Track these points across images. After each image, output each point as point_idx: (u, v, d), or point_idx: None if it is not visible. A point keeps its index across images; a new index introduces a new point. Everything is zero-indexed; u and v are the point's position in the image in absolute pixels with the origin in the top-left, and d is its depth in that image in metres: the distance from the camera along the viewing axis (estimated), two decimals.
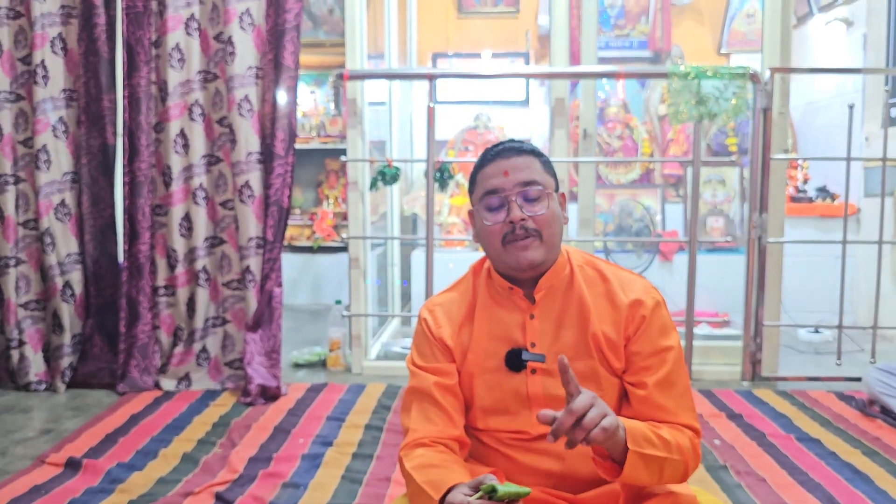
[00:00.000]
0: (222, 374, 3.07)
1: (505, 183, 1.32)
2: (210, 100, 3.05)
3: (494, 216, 1.33)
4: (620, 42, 5.22)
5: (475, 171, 1.39)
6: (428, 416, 1.34)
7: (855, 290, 4.27)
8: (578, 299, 1.36)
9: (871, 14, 4.28)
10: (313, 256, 5.13)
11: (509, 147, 1.36)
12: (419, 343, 1.42)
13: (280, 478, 2.13)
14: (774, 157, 3.13)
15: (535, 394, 1.35)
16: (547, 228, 1.32)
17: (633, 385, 1.34)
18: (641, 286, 1.37)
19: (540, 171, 1.35)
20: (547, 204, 1.33)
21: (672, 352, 1.34)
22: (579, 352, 1.34)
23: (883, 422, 2.64)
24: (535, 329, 1.36)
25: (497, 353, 1.36)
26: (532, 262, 1.32)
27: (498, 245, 1.33)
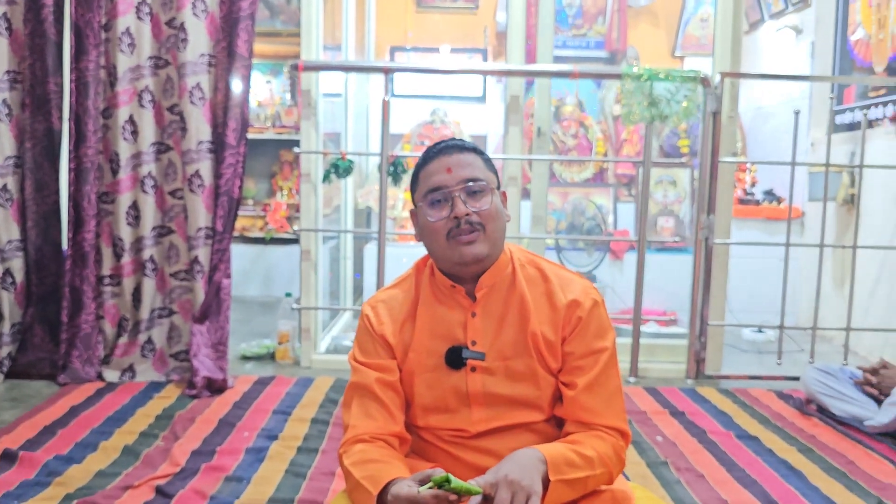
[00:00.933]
0: (167, 366, 3.02)
1: (448, 179, 1.33)
2: (161, 86, 3.00)
3: (438, 212, 1.34)
4: (577, 42, 5.27)
5: (417, 170, 1.39)
6: (368, 413, 1.34)
7: (797, 292, 4.39)
8: (519, 298, 1.37)
9: (819, 23, 4.39)
10: (265, 248, 5.07)
11: (451, 145, 1.37)
12: (361, 339, 1.42)
13: (223, 471, 2.11)
14: (723, 159, 3.19)
15: (475, 391, 1.35)
16: (491, 223, 1.33)
17: (565, 385, 1.35)
18: (581, 287, 1.39)
19: (482, 168, 1.36)
20: (490, 199, 1.34)
21: (605, 353, 1.36)
22: (518, 350, 1.36)
23: (819, 420, 2.72)
24: (477, 327, 1.37)
25: (438, 350, 1.37)
26: (476, 256, 1.32)
27: (442, 241, 1.33)
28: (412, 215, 1.42)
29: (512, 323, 1.37)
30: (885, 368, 2.66)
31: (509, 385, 1.35)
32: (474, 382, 1.35)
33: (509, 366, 1.35)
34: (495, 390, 1.35)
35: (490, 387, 1.35)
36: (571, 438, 1.31)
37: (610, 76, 4.50)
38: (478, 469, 1.32)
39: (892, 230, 3.59)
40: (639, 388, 3.07)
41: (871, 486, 2.12)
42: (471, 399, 1.36)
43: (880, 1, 3.79)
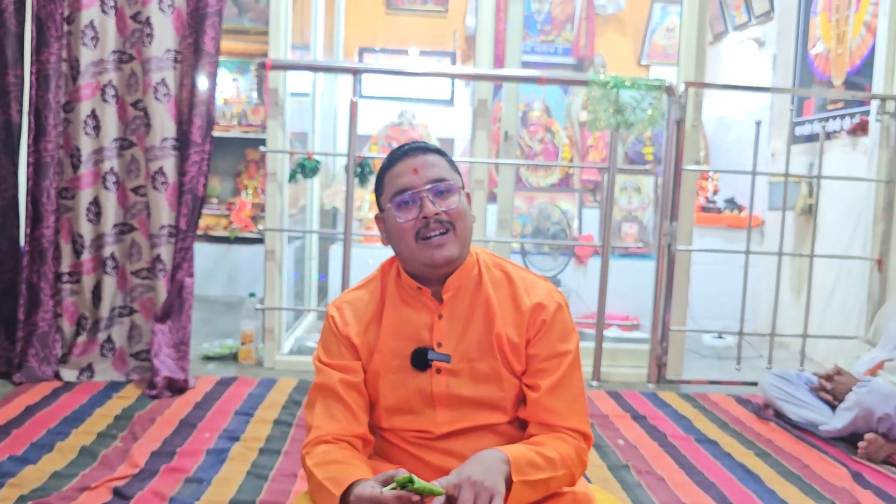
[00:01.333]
0: (127, 366, 2.97)
1: (415, 180, 1.33)
2: (125, 81, 2.95)
3: (406, 213, 1.33)
4: (545, 47, 5.32)
5: (382, 173, 1.38)
6: (332, 414, 1.33)
7: (756, 299, 4.48)
8: (485, 300, 1.38)
9: (781, 36, 4.49)
10: (230, 247, 5.02)
11: (415, 146, 1.37)
12: (326, 340, 1.41)
13: (183, 473, 2.08)
14: (686, 167, 3.24)
15: (440, 393, 1.35)
16: (460, 222, 1.34)
17: (529, 387, 1.36)
18: (545, 290, 1.40)
19: (447, 168, 1.36)
20: (458, 199, 1.34)
21: (569, 356, 1.37)
22: (483, 352, 1.36)
23: (776, 425, 2.77)
24: (443, 329, 1.37)
25: (403, 352, 1.37)
26: (448, 258, 1.33)
27: (412, 242, 1.33)
28: (377, 220, 1.41)
29: (477, 325, 1.37)
30: (839, 375, 2.72)
31: (474, 387, 1.36)
32: (439, 384, 1.35)
33: (474, 367, 1.36)
34: (460, 392, 1.35)
35: (455, 388, 1.35)
36: (534, 440, 1.32)
37: (577, 83, 4.54)
38: (441, 470, 1.33)
39: (848, 240, 3.69)
40: (601, 392, 3.10)
41: (825, 490, 2.17)
42: (435, 401, 1.36)
43: (839, 17, 3.89)
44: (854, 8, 3.75)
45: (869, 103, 3.51)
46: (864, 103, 3.57)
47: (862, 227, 3.56)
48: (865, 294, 3.49)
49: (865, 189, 3.51)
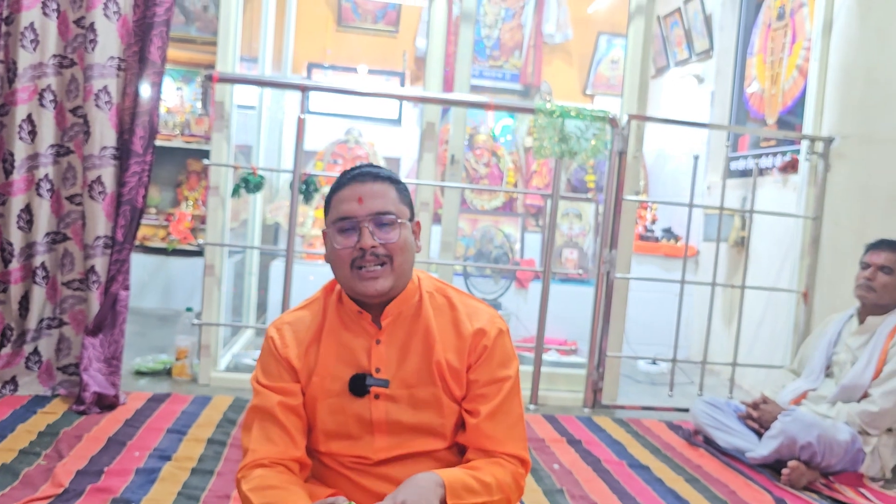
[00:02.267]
0: (54, 380, 2.87)
1: (358, 210, 1.33)
2: (64, 87, 2.87)
3: (345, 240, 1.33)
4: (494, 72, 5.40)
5: (330, 194, 1.38)
6: (269, 436, 1.32)
7: (690, 327, 4.60)
8: (425, 327, 1.38)
9: (720, 74, 4.66)
10: (166, 259, 4.90)
11: (366, 172, 1.36)
12: (265, 361, 1.39)
13: (110, 493, 2.01)
14: (627, 197, 3.33)
15: (378, 419, 1.35)
16: (398, 255, 1.33)
17: (468, 412, 1.37)
18: (487, 316, 1.41)
19: (395, 199, 1.36)
20: (399, 232, 1.34)
21: (508, 382, 1.38)
22: (422, 378, 1.37)
23: (705, 451, 2.85)
24: (381, 354, 1.37)
25: (342, 376, 1.36)
26: (379, 291, 1.33)
27: (346, 270, 1.33)
28: (324, 236, 1.41)
29: (416, 351, 1.37)
30: (765, 404, 2.81)
31: (413, 413, 1.36)
32: (378, 410, 1.35)
33: (413, 394, 1.36)
34: (399, 418, 1.35)
35: (393, 414, 1.35)
36: (471, 465, 1.33)
37: (524, 110, 4.61)
38: (378, 496, 1.32)
39: (777, 272, 3.83)
40: (538, 416, 3.13)
41: None
42: (374, 427, 1.35)
43: (774, 59, 4.06)
44: (787, 51, 3.93)
45: (800, 143, 3.67)
46: (795, 142, 3.73)
47: (790, 261, 3.70)
48: (792, 325, 3.62)
49: (794, 224, 3.66)
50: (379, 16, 5.45)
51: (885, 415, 2.62)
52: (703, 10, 4.83)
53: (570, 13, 5.52)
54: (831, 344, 2.88)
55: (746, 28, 4.39)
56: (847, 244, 3.32)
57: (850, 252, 3.24)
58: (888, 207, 3.08)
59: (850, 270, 3.10)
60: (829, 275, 3.45)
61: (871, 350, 2.71)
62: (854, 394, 2.70)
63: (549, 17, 5.45)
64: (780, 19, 4.05)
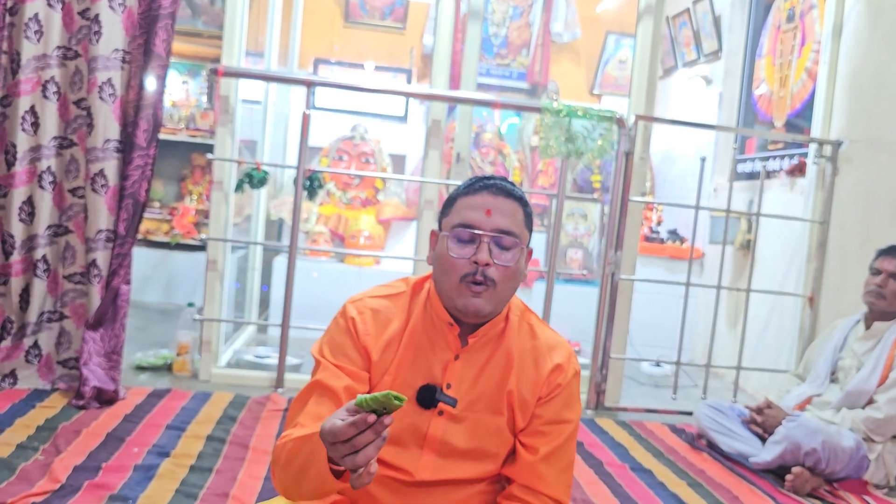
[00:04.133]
0: (54, 374, 2.86)
1: (484, 222, 1.26)
2: (68, 79, 2.85)
3: (461, 249, 1.26)
4: (501, 71, 5.37)
5: (456, 195, 1.31)
6: (322, 415, 1.21)
7: (694, 329, 4.57)
8: (506, 353, 1.33)
9: (728, 75, 4.63)
10: (169, 253, 4.89)
11: (500, 186, 1.29)
12: (339, 340, 1.31)
13: (107, 489, 1.99)
14: (633, 199, 3.30)
15: (434, 436, 1.30)
16: (505, 282, 1.27)
17: (525, 447, 1.32)
18: (567, 353, 1.37)
19: (520, 221, 1.29)
20: (516, 257, 1.28)
21: (570, 426, 1.34)
22: (491, 406, 1.32)
23: (708, 455, 2.82)
24: (456, 371, 1.32)
25: (413, 384, 1.31)
26: (479, 310, 1.27)
27: (455, 280, 1.26)
28: (433, 236, 1.34)
29: (492, 376, 1.32)
30: (769, 409, 2.79)
31: (470, 438, 1.31)
32: (437, 427, 1.30)
33: (478, 419, 1.31)
34: (454, 441, 1.30)
35: (450, 436, 1.30)
36: None
37: (531, 109, 4.57)
38: None
39: (783, 276, 3.80)
40: None
41: None
42: (426, 442, 1.30)
43: (783, 61, 4.03)
44: (797, 54, 3.90)
45: (807, 146, 3.64)
46: (803, 145, 3.70)
47: (796, 265, 3.68)
48: (797, 329, 3.59)
49: (801, 228, 3.63)
50: (386, 12, 5.43)
51: (890, 421, 2.60)
52: (713, 10, 4.79)
53: (579, 12, 5.50)
54: (837, 349, 2.85)
55: (755, 29, 4.35)
56: (854, 249, 3.29)
57: (857, 257, 3.21)
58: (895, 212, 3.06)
59: (857, 275, 3.07)
60: (836, 279, 3.42)
61: (877, 356, 2.68)
62: (859, 400, 2.68)
63: (557, 15, 5.42)
64: (789, 21, 4.01)
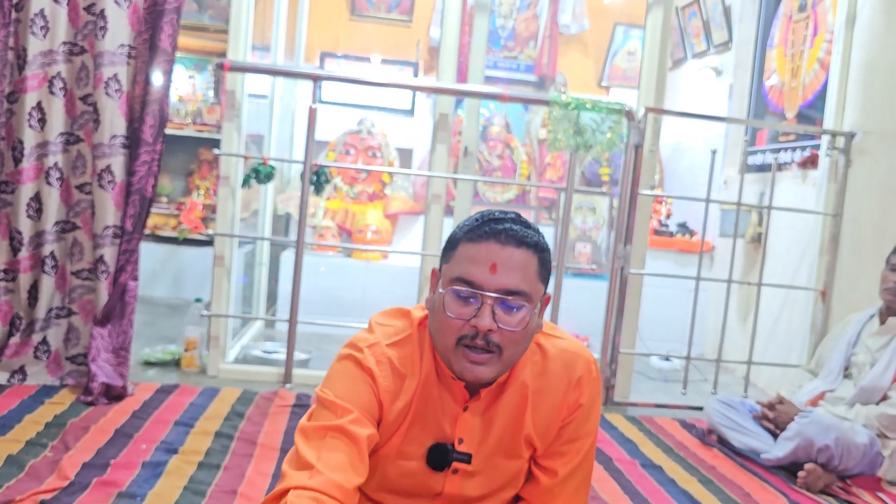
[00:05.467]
0: (63, 370, 2.86)
1: (487, 281, 1.10)
2: (74, 74, 2.84)
3: (459, 308, 1.12)
4: (508, 63, 5.33)
5: (460, 236, 1.15)
6: (341, 465, 1.08)
7: (704, 323, 4.54)
8: (519, 389, 1.23)
9: (738, 67, 4.58)
10: (177, 248, 4.89)
11: (510, 232, 1.11)
12: (354, 386, 1.16)
13: (115, 486, 1.99)
14: (642, 192, 3.27)
15: (450, 493, 1.23)
16: (512, 348, 1.13)
17: (544, 471, 1.26)
18: (584, 362, 1.26)
19: (533, 276, 1.13)
20: (525, 319, 1.12)
21: (589, 439, 1.27)
22: (509, 451, 1.24)
23: (719, 451, 2.80)
24: (467, 424, 1.21)
25: (422, 442, 1.21)
26: (479, 378, 1.14)
27: (451, 342, 1.13)
28: (433, 275, 1.20)
29: (505, 419, 1.22)
30: (781, 404, 2.76)
31: (487, 485, 1.24)
32: (452, 485, 1.23)
33: (495, 464, 1.24)
34: (471, 494, 1.24)
35: (467, 490, 1.23)
36: None
37: (539, 102, 4.56)
38: None
39: (794, 270, 3.77)
40: None
41: None
42: (442, 498, 1.24)
43: (795, 52, 3.98)
44: (809, 44, 3.85)
45: (820, 137, 3.59)
46: (815, 137, 3.66)
47: (808, 258, 3.64)
48: (809, 324, 3.56)
49: (813, 221, 3.59)
50: (393, 5, 5.40)
51: None
52: (723, 0, 4.74)
53: (587, 3, 5.44)
54: (850, 344, 2.82)
55: (766, 19, 4.30)
56: (867, 242, 3.26)
57: (871, 250, 3.17)
58: None
59: (870, 269, 3.03)
60: (848, 273, 3.38)
61: (891, 352, 2.65)
62: (873, 396, 2.64)
63: (564, 7, 5.38)
64: (801, 11, 3.96)
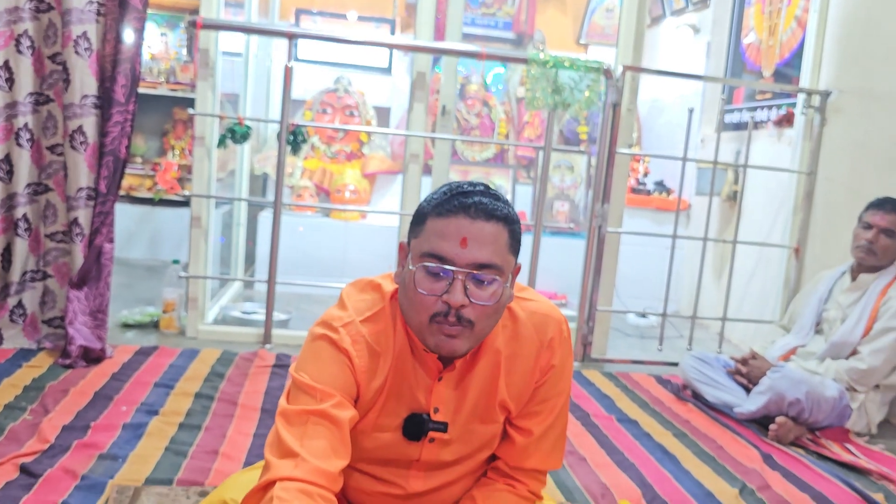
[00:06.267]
0: (39, 333, 2.84)
1: (458, 256, 1.08)
2: (42, 32, 2.77)
3: (430, 284, 1.10)
4: (486, 20, 5.27)
5: (428, 210, 1.12)
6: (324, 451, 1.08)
7: (680, 280, 4.60)
8: (492, 355, 1.23)
9: (716, 24, 4.57)
10: (153, 209, 4.84)
11: (480, 206, 1.09)
12: (328, 368, 1.15)
13: (97, 448, 2.00)
14: (620, 150, 3.27)
15: (427, 460, 1.25)
16: (484, 321, 1.12)
17: (519, 431, 1.27)
18: (554, 322, 1.26)
19: (504, 248, 1.11)
20: (497, 292, 1.11)
21: (563, 396, 1.28)
22: (483, 417, 1.25)
23: (693, 406, 2.86)
24: (441, 393, 1.22)
25: (398, 413, 1.21)
26: (454, 352, 1.13)
27: (424, 319, 1.12)
28: (401, 249, 1.18)
29: (479, 387, 1.23)
30: (754, 359, 2.82)
31: (462, 449, 1.26)
32: (429, 453, 1.24)
33: (471, 431, 1.25)
34: (446, 458, 1.25)
35: (444, 456, 1.25)
36: None
37: (517, 60, 4.51)
38: None
39: (769, 227, 3.81)
40: None
41: (736, 471, 2.25)
42: (419, 464, 1.25)
43: (772, 9, 3.97)
44: (786, 1, 3.84)
45: (796, 96, 3.61)
46: (792, 96, 3.67)
47: (782, 216, 3.68)
48: (782, 280, 3.62)
49: (787, 179, 3.62)
50: None
51: (873, 372, 2.63)
52: None
53: None
54: (822, 301, 2.88)
55: None
56: (840, 200, 3.30)
57: (843, 208, 3.22)
58: (884, 164, 3.05)
59: (843, 226, 3.08)
60: (822, 230, 3.43)
61: (861, 308, 2.71)
62: (843, 351, 2.71)
63: None
64: None
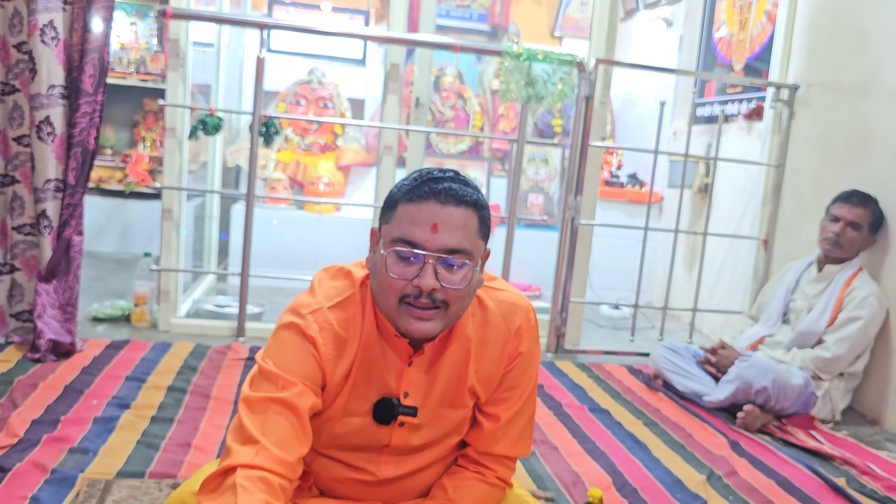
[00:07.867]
0: (7, 327, 2.80)
1: (428, 241, 1.11)
2: (7, 20, 2.72)
3: (402, 269, 1.12)
4: (461, 12, 5.27)
5: (399, 196, 1.14)
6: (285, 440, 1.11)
7: (652, 272, 4.65)
8: (461, 341, 1.25)
9: (689, 18, 4.61)
10: (124, 201, 4.78)
11: (450, 191, 1.12)
12: (295, 356, 1.17)
13: (67, 442, 1.98)
14: (593, 143, 3.30)
15: (397, 444, 1.26)
16: (457, 303, 1.15)
17: (487, 417, 1.30)
18: (522, 311, 1.28)
19: (473, 233, 1.14)
20: (468, 276, 1.14)
21: (530, 384, 1.31)
22: (453, 402, 1.27)
23: (664, 395, 2.90)
24: (412, 377, 1.23)
25: (367, 397, 1.23)
26: (426, 334, 1.15)
27: (393, 302, 1.14)
28: (372, 235, 1.20)
29: (449, 371, 1.25)
30: (723, 349, 2.87)
31: (432, 434, 1.27)
32: (399, 438, 1.25)
33: (440, 416, 1.26)
34: (416, 442, 1.27)
35: (414, 441, 1.26)
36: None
37: (491, 52, 4.52)
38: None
39: (738, 219, 3.87)
40: None
41: (705, 458, 2.29)
42: (388, 449, 1.27)
43: (743, 3, 4.02)
44: None
45: (765, 89, 3.66)
46: (761, 89, 3.72)
47: (751, 209, 3.74)
48: (751, 271, 3.68)
49: (757, 172, 3.67)
50: None
51: (837, 360, 2.69)
52: None
53: None
54: (789, 291, 2.93)
55: None
56: (807, 192, 3.36)
57: (810, 200, 3.28)
58: (848, 156, 3.11)
59: (811, 218, 3.13)
60: (789, 222, 3.49)
61: (827, 298, 2.76)
62: (809, 340, 2.76)
63: None
64: None
